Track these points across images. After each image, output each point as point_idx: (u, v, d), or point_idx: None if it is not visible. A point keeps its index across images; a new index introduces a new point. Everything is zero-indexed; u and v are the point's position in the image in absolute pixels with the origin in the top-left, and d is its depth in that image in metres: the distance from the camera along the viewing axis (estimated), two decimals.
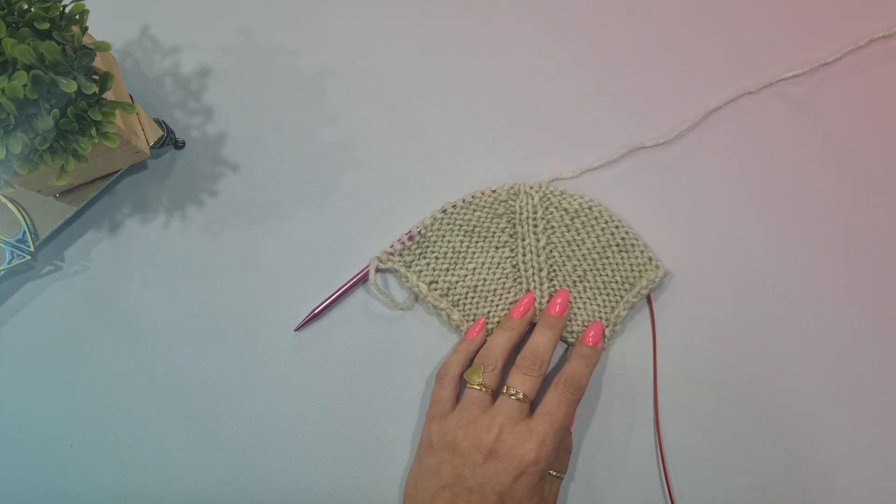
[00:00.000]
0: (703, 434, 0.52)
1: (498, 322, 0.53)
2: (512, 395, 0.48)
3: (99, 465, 0.54)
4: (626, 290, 0.53)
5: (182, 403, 0.54)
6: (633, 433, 0.52)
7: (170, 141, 0.57)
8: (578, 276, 0.54)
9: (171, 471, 0.54)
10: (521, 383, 0.48)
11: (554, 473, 0.49)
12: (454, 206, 0.54)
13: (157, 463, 0.54)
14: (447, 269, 0.54)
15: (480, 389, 0.49)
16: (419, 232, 0.54)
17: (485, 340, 0.52)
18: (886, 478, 0.51)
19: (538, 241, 0.54)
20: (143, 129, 0.54)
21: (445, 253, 0.54)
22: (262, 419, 0.54)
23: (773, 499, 0.51)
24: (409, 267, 0.54)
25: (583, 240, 0.53)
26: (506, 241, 0.54)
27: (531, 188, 0.54)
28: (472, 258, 0.54)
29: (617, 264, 0.53)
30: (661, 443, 0.51)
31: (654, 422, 0.52)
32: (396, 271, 0.54)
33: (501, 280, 0.54)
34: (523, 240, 0.54)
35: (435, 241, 0.54)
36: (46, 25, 0.42)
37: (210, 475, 0.54)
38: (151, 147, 0.54)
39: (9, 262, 0.55)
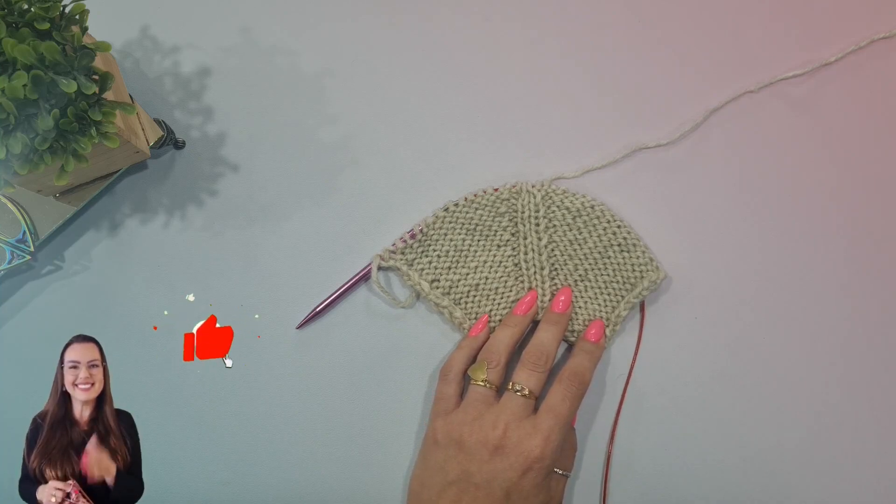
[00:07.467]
0: (703, 433, 0.52)
1: (500, 321, 0.53)
2: (517, 391, 0.48)
3: None
4: (627, 290, 0.52)
5: (182, 403, 0.54)
6: (636, 433, 0.52)
7: (170, 141, 0.56)
8: (580, 276, 0.53)
9: (170, 471, 0.54)
10: (526, 379, 0.48)
11: (560, 472, 0.49)
12: (456, 205, 0.54)
13: (157, 463, 0.54)
14: (449, 268, 0.54)
15: (485, 385, 0.49)
16: (421, 230, 0.54)
17: (488, 337, 0.52)
18: (889, 479, 0.51)
19: (540, 239, 0.54)
20: (143, 129, 0.54)
21: (447, 251, 0.54)
22: (263, 418, 0.54)
23: (775, 497, 0.51)
24: (411, 265, 0.54)
25: (584, 239, 0.53)
26: (508, 240, 0.54)
27: (533, 187, 0.54)
28: (473, 256, 0.54)
29: (618, 264, 0.53)
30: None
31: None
32: (398, 269, 0.54)
33: (503, 279, 0.54)
34: (525, 238, 0.54)
35: (437, 240, 0.54)
36: (46, 25, 0.42)
37: (210, 475, 0.53)
38: (151, 147, 0.54)
39: (9, 262, 0.54)
